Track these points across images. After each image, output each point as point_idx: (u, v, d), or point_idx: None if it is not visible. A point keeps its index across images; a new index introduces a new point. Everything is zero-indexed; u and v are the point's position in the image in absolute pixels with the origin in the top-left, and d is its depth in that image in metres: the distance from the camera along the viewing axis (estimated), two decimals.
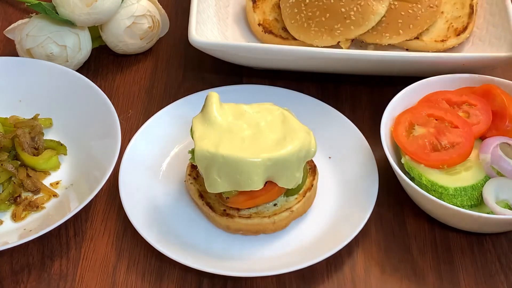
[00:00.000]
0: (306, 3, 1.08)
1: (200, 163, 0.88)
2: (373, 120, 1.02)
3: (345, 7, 1.06)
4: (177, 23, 1.22)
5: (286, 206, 0.92)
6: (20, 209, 0.95)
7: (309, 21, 1.08)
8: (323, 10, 1.07)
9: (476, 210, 0.91)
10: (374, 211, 0.92)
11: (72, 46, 1.08)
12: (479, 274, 0.91)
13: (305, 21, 1.08)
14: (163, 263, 0.91)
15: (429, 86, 1.01)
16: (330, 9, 1.07)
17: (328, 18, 1.07)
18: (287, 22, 1.10)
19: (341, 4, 1.06)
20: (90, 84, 1.03)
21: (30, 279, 0.89)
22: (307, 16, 1.08)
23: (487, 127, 0.97)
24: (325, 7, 1.07)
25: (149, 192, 0.96)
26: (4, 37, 1.17)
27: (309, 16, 1.08)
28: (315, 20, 1.07)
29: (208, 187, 0.88)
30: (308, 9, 1.08)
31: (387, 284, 0.90)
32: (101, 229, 0.95)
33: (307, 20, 1.08)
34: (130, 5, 1.12)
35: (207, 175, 0.88)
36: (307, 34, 1.08)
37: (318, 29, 1.07)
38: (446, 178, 0.92)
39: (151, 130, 1.01)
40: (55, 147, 1.01)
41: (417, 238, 0.94)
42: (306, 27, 1.08)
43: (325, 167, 0.99)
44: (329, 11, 1.07)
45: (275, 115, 0.92)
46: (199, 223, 0.93)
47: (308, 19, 1.08)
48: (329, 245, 0.89)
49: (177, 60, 1.17)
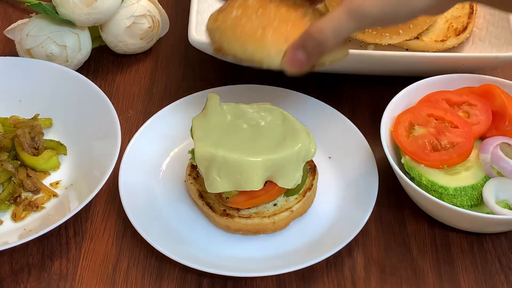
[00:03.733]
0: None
1: (200, 163, 0.88)
2: (373, 120, 1.02)
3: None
4: (177, 23, 1.22)
5: (286, 206, 0.92)
6: (20, 209, 0.95)
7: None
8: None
9: (476, 210, 0.91)
10: (374, 211, 0.92)
11: (72, 46, 1.08)
12: (479, 274, 0.91)
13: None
14: (163, 263, 0.91)
15: (429, 86, 1.01)
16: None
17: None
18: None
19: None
20: (90, 84, 1.03)
21: (30, 279, 0.89)
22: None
23: (487, 127, 0.97)
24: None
25: (149, 192, 0.96)
26: (4, 37, 1.17)
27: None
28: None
29: (208, 187, 0.88)
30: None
31: (387, 284, 0.90)
32: (101, 229, 0.95)
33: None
34: (130, 5, 1.12)
35: (207, 175, 0.88)
36: None
37: None
38: (446, 178, 0.92)
39: (151, 130, 1.01)
40: (55, 147, 1.01)
41: (417, 238, 0.94)
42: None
43: (325, 167, 0.99)
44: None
45: (275, 115, 0.92)
46: (199, 223, 0.93)
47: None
48: (329, 245, 0.89)
49: (177, 60, 1.17)
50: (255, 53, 0.78)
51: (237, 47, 0.78)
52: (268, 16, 0.79)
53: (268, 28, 0.78)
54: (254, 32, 0.78)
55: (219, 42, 0.81)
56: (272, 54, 0.77)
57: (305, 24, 0.79)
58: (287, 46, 0.77)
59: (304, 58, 0.75)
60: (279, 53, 0.77)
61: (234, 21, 0.79)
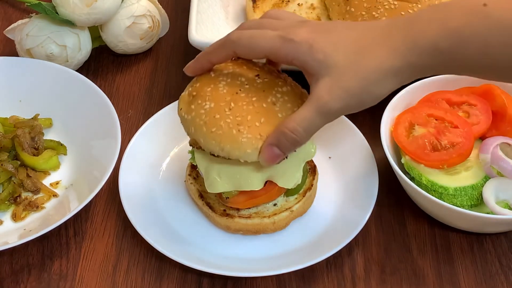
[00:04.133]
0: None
1: (200, 163, 0.88)
2: (373, 120, 1.02)
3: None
4: (177, 23, 1.22)
5: (286, 206, 0.92)
6: (20, 209, 0.95)
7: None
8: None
9: (476, 210, 0.91)
10: (374, 211, 0.92)
11: (72, 46, 1.08)
12: (479, 274, 0.91)
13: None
14: (163, 263, 0.91)
15: (429, 86, 1.01)
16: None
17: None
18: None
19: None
20: (90, 84, 1.03)
21: (30, 279, 0.89)
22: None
23: (487, 127, 0.97)
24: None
25: (149, 192, 0.96)
26: (4, 37, 1.17)
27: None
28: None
29: (208, 187, 0.88)
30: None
31: (387, 284, 0.90)
32: (101, 229, 0.95)
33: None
34: (130, 5, 1.12)
35: (207, 175, 0.88)
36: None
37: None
38: (446, 178, 0.92)
39: (151, 130, 1.01)
40: (55, 147, 1.01)
41: (417, 238, 0.94)
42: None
43: (325, 167, 0.99)
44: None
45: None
46: (199, 223, 0.93)
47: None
48: (329, 245, 0.89)
49: (177, 60, 1.17)
50: (232, 151, 0.82)
51: (213, 144, 0.82)
52: (241, 111, 0.82)
53: (242, 126, 0.81)
54: (229, 131, 0.82)
55: (195, 136, 0.85)
56: (249, 152, 0.82)
57: (276, 115, 0.83)
58: (261, 143, 0.81)
59: (280, 153, 0.81)
60: (255, 150, 0.82)
61: (208, 117, 0.83)
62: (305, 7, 1.14)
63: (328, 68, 0.77)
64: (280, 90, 0.85)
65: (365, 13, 1.06)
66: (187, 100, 0.86)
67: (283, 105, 0.84)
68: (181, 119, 0.87)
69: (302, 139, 0.80)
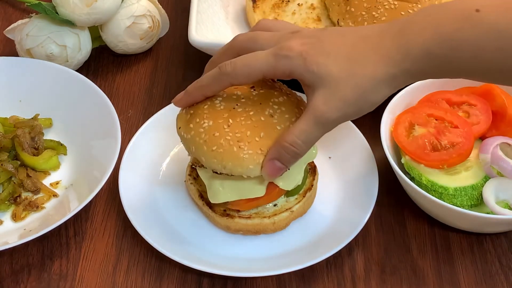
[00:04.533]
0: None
1: (203, 175, 0.88)
2: (373, 120, 1.02)
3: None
4: (177, 23, 1.22)
5: (286, 206, 0.92)
6: (20, 209, 0.95)
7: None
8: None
9: (476, 210, 0.91)
10: (374, 211, 0.92)
11: (72, 46, 1.08)
12: (479, 274, 0.91)
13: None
14: (163, 263, 0.91)
15: (429, 86, 1.01)
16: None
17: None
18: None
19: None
20: (90, 84, 1.03)
21: (30, 279, 0.89)
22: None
23: (487, 127, 0.97)
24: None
25: (149, 192, 0.96)
26: (4, 37, 1.17)
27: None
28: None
29: (211, 198, 0.88)
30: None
31: (387, 284, 0.90)
32: (101, 229, 0.95)
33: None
34: (130, 5, 1.12)
35: (209, 185, 0.88)
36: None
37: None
38: (446, 178, 0.92)
39: (151, 130, 1.01)
40: (55, 147, 1.01)
41: (417, 238, 0.94)
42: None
43: (325, 167, 0.99)
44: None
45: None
46: (199, 223, 0.93)
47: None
48: (329, 245, 0.89)
49: (177, 60, 1.17)
50: (234, 168, 0.82)
51: (215, 163, 0.83)
52: (240, 127, 0.83)
53: (242, 142, 0.82)
54: (230, 149, 0.82)
55: (196, 155, 0.85)
56: (251, 167, 0.82)
57: (274, 128, 0.83)
58: (263, 157, 0.82)
59: (282, 166, 0.82)
60: (258, 165, 0.82)
61: (208, 135, 0.83)
62: (305, 7, 1.14)
63: (323, 78, 0.77)
64: (277, 101, 0.85)
65: (365, 13, 1.06)
66: (185, 119, 0.87)
67: (281, 117, 0.84)
68: (180, 138, 0.87)
69: (302, 151, 0.81)
